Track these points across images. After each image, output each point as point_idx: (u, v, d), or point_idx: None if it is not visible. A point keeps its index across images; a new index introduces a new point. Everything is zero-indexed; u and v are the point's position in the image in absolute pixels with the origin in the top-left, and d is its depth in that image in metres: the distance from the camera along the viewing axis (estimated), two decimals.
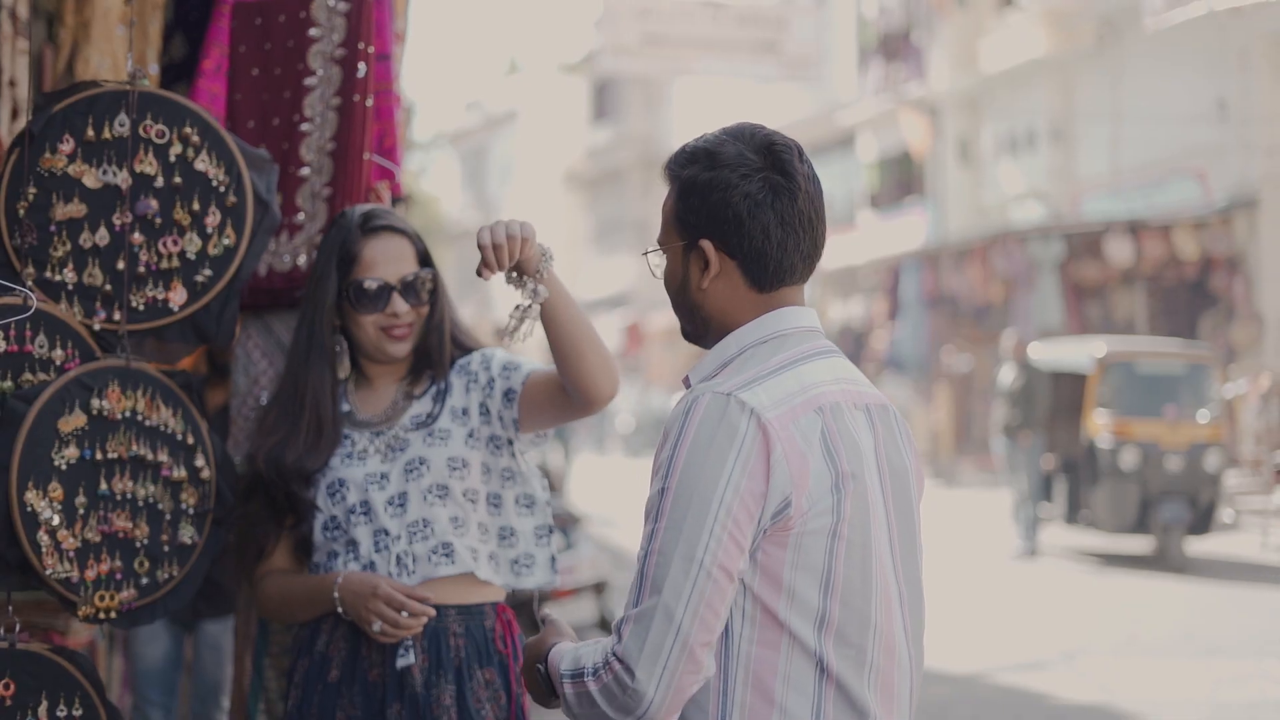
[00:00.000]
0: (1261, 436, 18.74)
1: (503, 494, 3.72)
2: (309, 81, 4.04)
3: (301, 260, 4.03)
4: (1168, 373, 16.81)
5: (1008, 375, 17.27)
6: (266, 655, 3.91)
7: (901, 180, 33.36)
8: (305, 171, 4.02)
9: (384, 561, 3.59)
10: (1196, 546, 16.41)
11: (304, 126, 4.03)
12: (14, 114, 4.91)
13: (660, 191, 2.98)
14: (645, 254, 2.78)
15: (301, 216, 4.03)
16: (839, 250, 32.57)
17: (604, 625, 10.40)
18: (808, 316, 2.68)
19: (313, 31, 4.04)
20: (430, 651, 3.56)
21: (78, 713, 3.43)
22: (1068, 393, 17.41)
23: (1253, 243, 22.84)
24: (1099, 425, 16.31)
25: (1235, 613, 12.96)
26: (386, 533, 3.60)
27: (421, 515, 3.60)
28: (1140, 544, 16.77)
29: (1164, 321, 24.82)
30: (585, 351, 3.45)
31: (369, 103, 4.02)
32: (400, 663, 3.53)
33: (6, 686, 3.32)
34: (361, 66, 4.00)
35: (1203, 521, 15.96)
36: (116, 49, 4.75)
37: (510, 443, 3.71)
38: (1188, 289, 24.68)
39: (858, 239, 33.54)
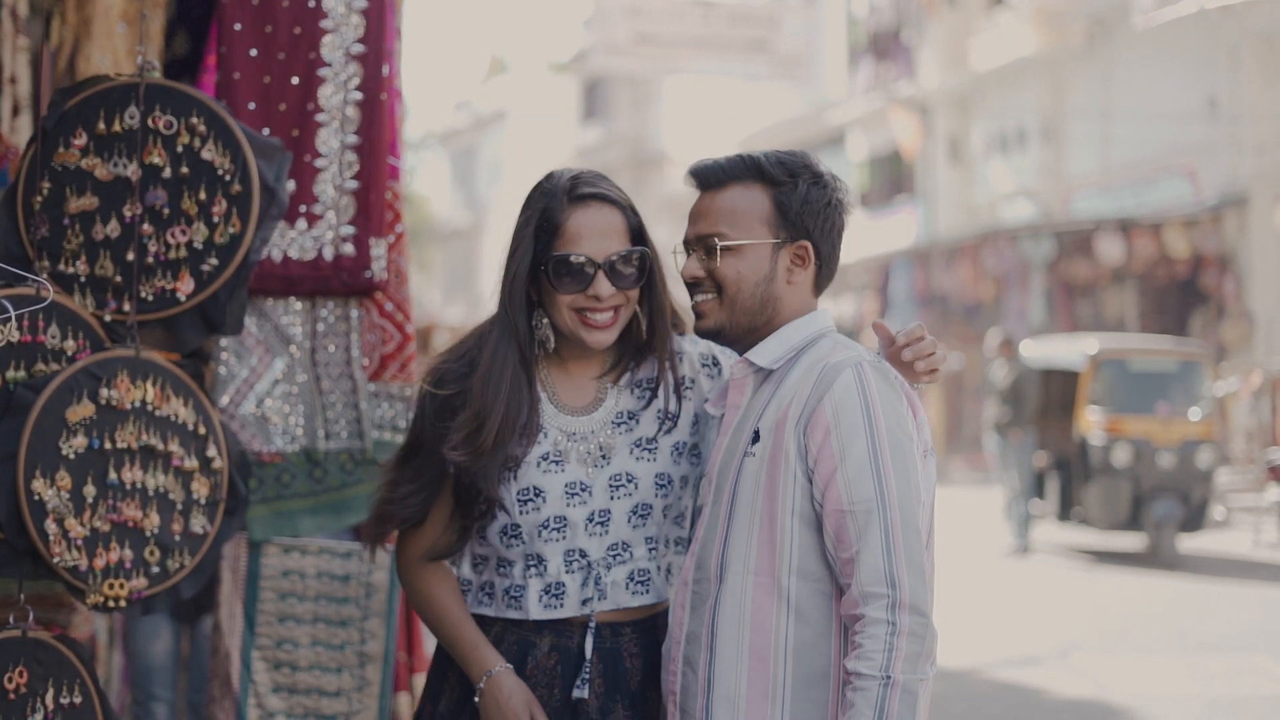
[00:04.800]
0: (1253, 434, 18.80)
1: (685, 507, 3.40)
2: (323, 72, 4.06)
3: (327, 253, 4.04)
4: (1160, 370, 16.84)
5: (998, 373, 17.31)
6: (254, 649, 3.91)
7: (892, 179, 33.40)
8: (321, 162, 4.04)
9: (575, 584, 3.23)
10: (1189, 544, 16.43)
11: (319, 117, 4.05)
12: (15, 111, 4.93)
13: (650, 190, 3.19)
14: (720, 246, 3.06)
15: (320, 207, 4.05)
16: None
17: None
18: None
19: (324, 23, 4.06)
20: (606, 674, 3.24)
21: (78, 700, 3.46)
22: (1060, 390, 17.43)
23: (1243, 241, 22.91)
24: (1091, 422, 16.34)
25: (1227, 609, 13.00)
26: (583, 554, 3.24)
27: (623, 538, 3.25)
28: (1133, 541, 16.79)
29: (1154, 320, 24.86)
30: None
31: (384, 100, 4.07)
32: (575, 694, 3.21)
33: (21, 674, 3.34)
34: (385, 66, 4.04)
35: (1195, 519, 15.98)
36: (118, 46, 4.77)
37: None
38: (1178, 287, 24.73)
39: (848, 237, 33.38)
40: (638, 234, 3.28)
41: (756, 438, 3.01)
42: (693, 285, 3.13)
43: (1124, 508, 15.91)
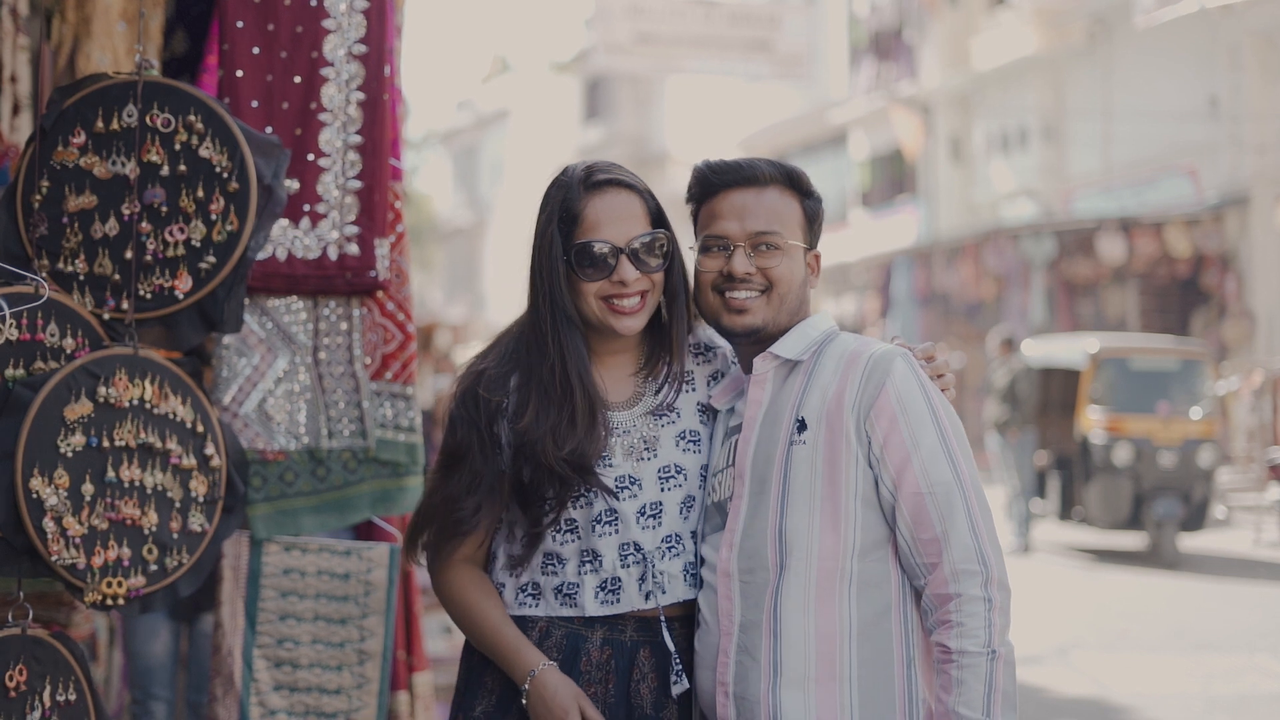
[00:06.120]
0: (1254, 433, 18.79)
1: None
2: (325, 72, 4.08)
3: (331, 252, 4.04)
4: (1161, 369, 16.83)
5: (998, 372, 17.33)
6: (256, 647, 3.91)
7: (893, 178, 33.40)
8: (325, 161, 4.05)
9: (631, 579, 3.21)
10: (1189, 543, 16.44)
11: (322, 116, 4.06)
12: (15, 109, 4.93)
13: (652, 189, 3.24)
14: (787, 244, 3.19)
15: (324, 206, 4.06)
16: (831, 248, 32.51)
17: None
18: None
19: (326, 22, 4.07)
20: (660, 669, 3.23)
21: (72, 697, 3.47)
22: (1061, 389, 17.43)
23: (1244, 240, 22.90)
24: (1092, 421, 16.34)
25: (1227, 608, 13.00)
26: (638, 547, 3.21)
27: (675, 530, 3.24)
28: (1133, 540, 16.80)
29: (1156, 319, 24.86)
30: None
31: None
32: (676, 690, 3.20)
33: (20, 672, 3.35)
34: (387, 67, 4.06)
35: (1196, 518, 15.98)
36: (117, 44, 4.78)
37: None
38: (1179, 286, 24.73)
39: (850, 237, 33.56)
40: (657, 217, 3.29)
41: (803, 426, 3.08)
42: (739, 281, 3.17)
43: (1125, 507, 15.91)
